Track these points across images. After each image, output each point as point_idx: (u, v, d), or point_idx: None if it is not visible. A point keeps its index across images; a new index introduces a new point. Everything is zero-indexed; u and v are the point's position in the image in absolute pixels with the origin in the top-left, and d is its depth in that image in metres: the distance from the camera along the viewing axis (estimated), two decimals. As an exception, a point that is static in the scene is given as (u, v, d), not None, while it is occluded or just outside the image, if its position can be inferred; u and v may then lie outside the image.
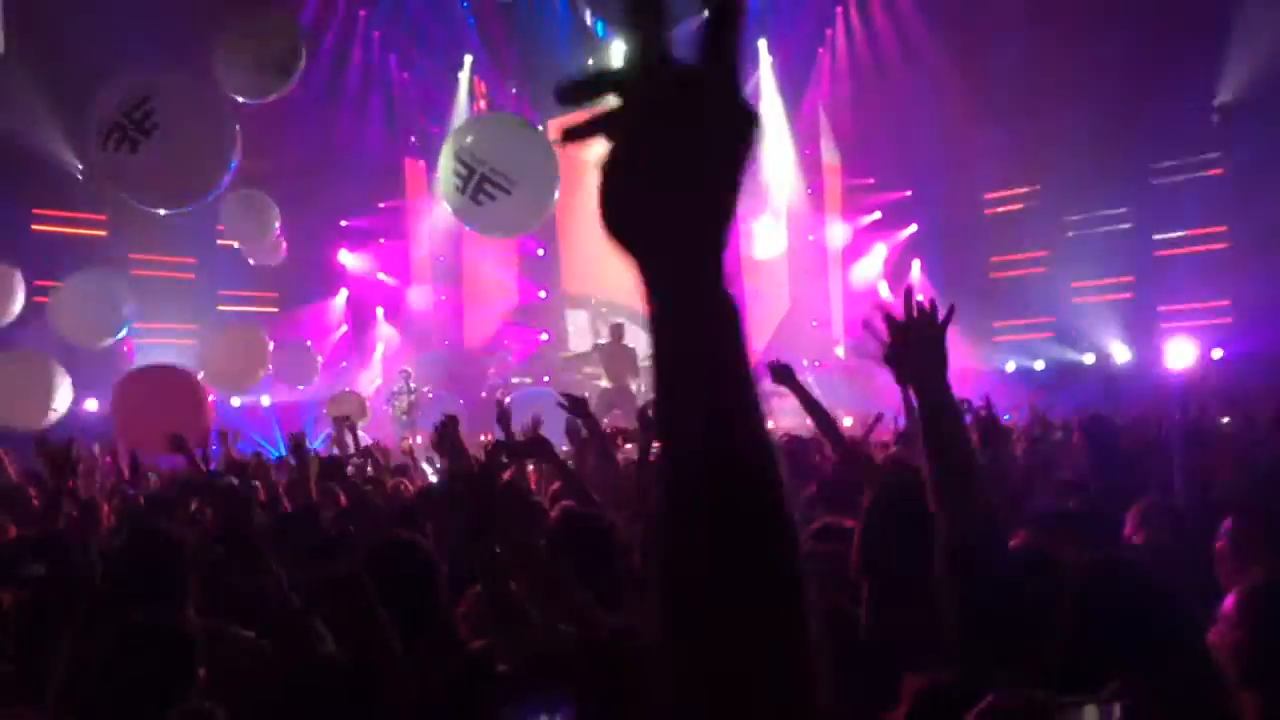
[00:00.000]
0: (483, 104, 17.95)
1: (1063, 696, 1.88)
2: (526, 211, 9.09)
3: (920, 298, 2.45)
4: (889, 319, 2.44)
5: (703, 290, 0.85)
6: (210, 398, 9.42)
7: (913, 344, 2.40)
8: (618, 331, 13.84)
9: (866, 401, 15.55)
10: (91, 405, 12.76)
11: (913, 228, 18.17)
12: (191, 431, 6.96)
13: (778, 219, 18.49)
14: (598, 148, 0.87)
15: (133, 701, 2.59)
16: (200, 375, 10.37)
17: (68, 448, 4.67)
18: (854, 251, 18.44)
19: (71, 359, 10.30)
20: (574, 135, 0.88)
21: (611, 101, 0.86)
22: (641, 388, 13.62)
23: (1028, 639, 2.16)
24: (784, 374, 4.68)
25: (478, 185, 8.50)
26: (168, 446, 6.19)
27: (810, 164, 18.51)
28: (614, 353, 13.88)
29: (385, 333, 18.08)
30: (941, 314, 2.42)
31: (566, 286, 18.26)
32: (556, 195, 9.21)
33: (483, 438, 9.59)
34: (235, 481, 4.95)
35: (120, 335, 11.28)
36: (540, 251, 18.71)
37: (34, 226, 14.45)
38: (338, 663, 2.75)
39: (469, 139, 8.90)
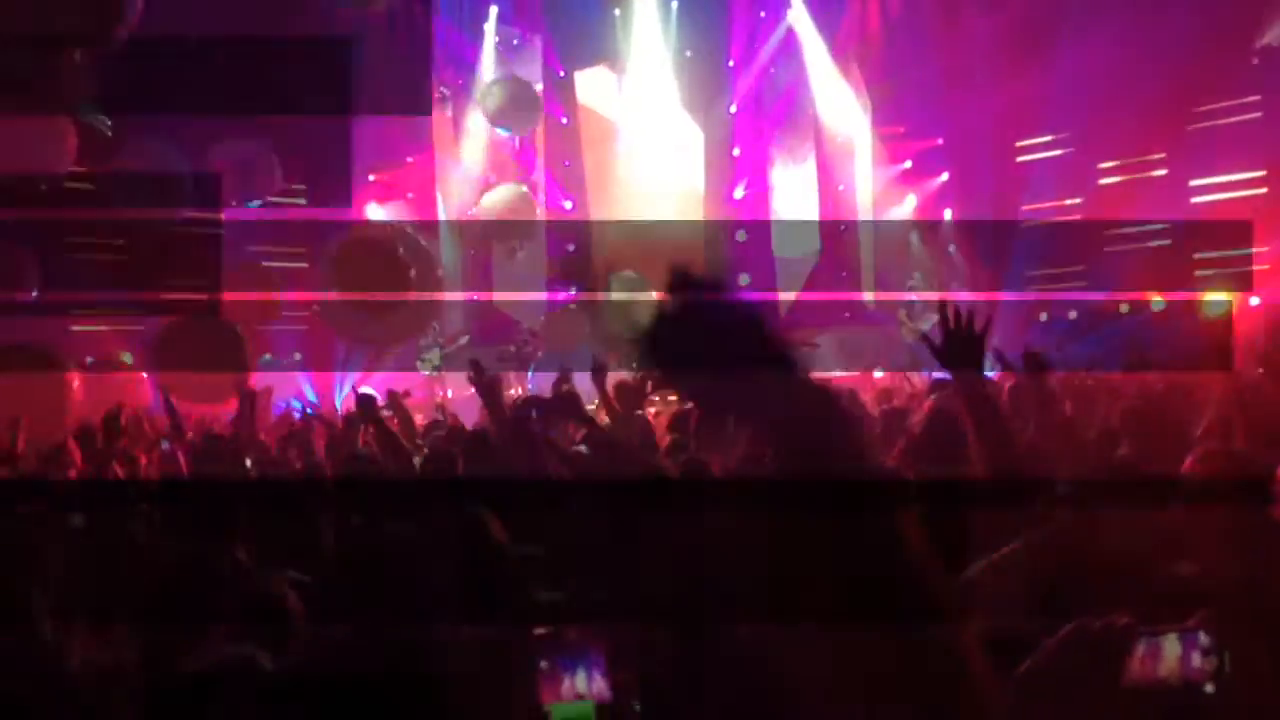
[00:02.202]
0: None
1: (1145, 625, 1.99)
2: None
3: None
4: (942, 328, 3.01)
5: None
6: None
7: (957, 348, 2.99)
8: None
9: (893, 353, 15.53)
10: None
11: (944, 176, 17.99)
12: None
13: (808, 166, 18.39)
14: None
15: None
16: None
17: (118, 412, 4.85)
18: (885, 201, 18.27)
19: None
20: None
21: None
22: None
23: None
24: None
25: None
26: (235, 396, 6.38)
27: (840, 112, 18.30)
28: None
29: (414, 286, 18.07)
30: (980, 324, 2.96)
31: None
32: None
33: (512, 392, 9.65)
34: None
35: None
36: (568, 204, 18.70)
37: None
38: None
39: None
